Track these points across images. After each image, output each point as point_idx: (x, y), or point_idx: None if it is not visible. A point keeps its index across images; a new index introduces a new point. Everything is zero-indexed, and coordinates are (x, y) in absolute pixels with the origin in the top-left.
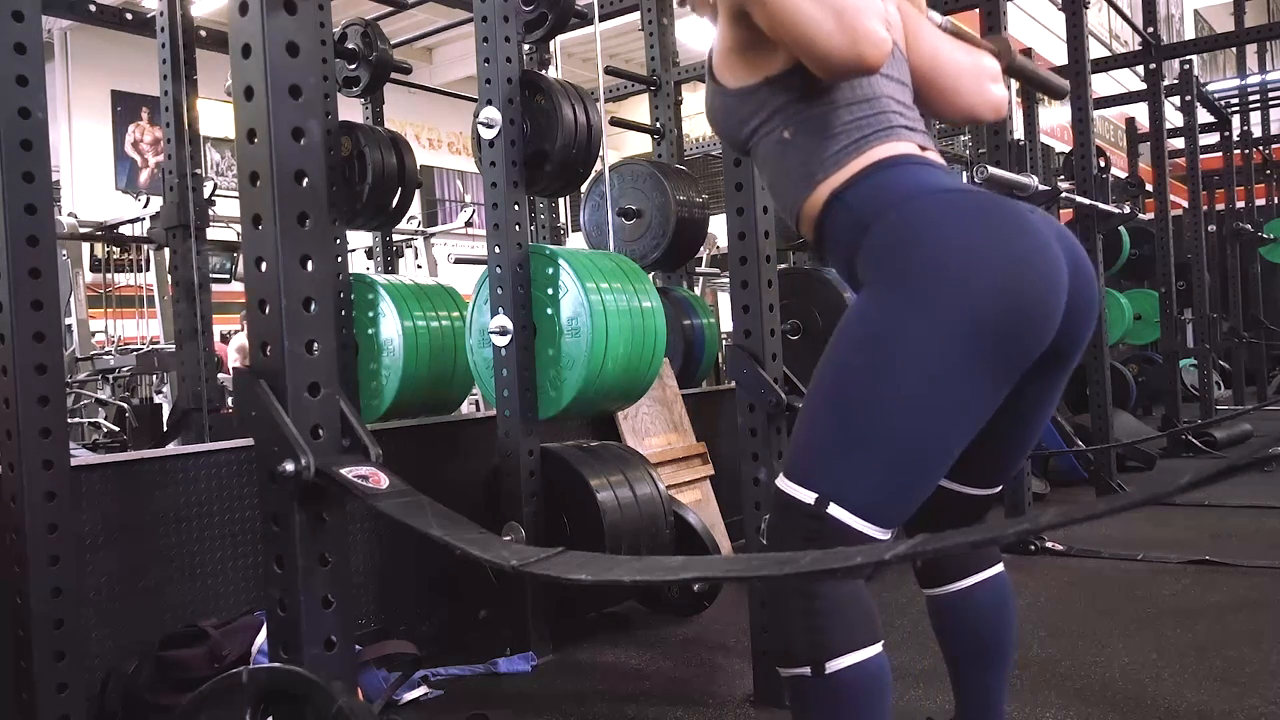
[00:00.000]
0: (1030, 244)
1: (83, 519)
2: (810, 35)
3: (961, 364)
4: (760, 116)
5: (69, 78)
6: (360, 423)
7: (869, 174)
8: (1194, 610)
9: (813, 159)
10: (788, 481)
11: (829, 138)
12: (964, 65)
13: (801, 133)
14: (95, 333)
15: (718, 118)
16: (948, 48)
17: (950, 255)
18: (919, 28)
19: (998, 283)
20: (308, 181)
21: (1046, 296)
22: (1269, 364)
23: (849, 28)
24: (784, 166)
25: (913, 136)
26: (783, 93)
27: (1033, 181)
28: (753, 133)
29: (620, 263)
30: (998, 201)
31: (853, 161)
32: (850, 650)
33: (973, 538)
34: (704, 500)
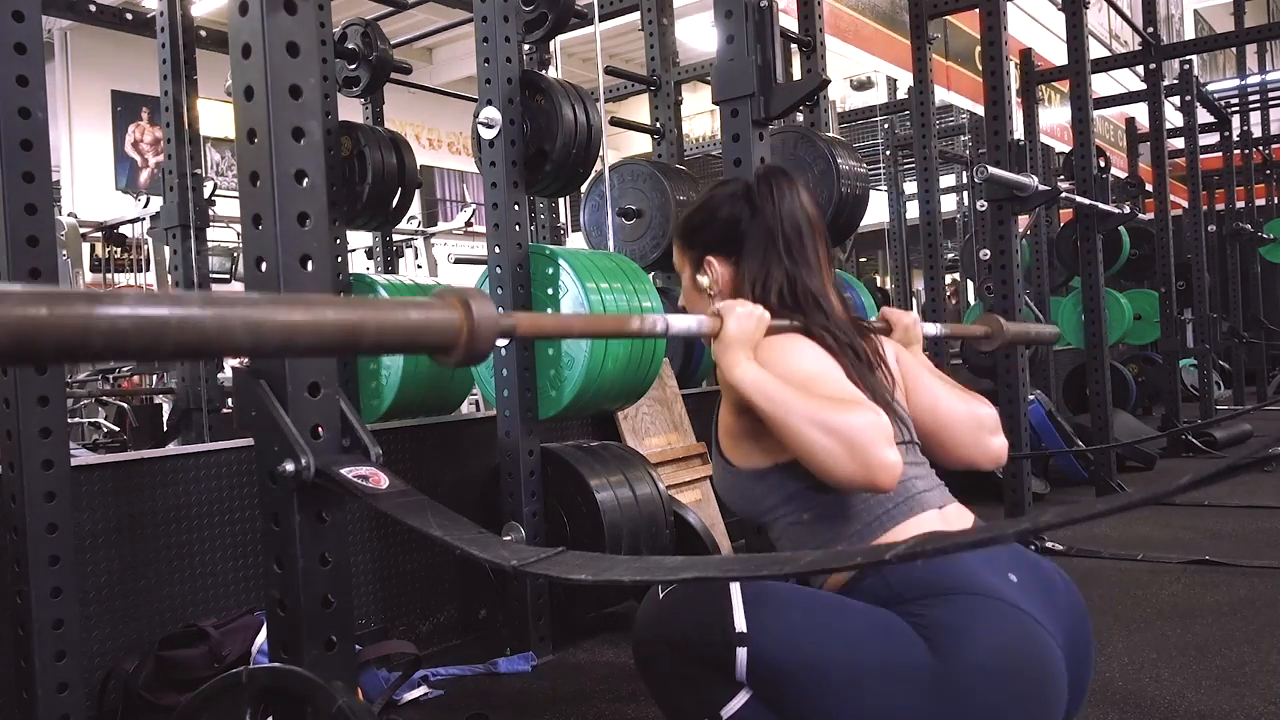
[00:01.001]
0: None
1: (83, 519)
2: (824, 465)
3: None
4: (773, 499)
5: (69, 78)
6: (360, 423)
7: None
8: (1194, 610)
9: (834, 541)
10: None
11: (850, 519)
12: (962, 418)
13: (821, 517)
14: None
15: (727, 493)
16: (945, 399)
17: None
18: (918, 380)
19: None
20: (308, 181)
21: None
22: (1269, 364)
23: (861, 458)
24: (807, 546)
25: (931, 499)
26: (795, 479)
27: (1033, 181)
28: (767, 511)
29: (620, 263)
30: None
31: (881, 538)
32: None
33: (973, 538)
34: (704, 500)
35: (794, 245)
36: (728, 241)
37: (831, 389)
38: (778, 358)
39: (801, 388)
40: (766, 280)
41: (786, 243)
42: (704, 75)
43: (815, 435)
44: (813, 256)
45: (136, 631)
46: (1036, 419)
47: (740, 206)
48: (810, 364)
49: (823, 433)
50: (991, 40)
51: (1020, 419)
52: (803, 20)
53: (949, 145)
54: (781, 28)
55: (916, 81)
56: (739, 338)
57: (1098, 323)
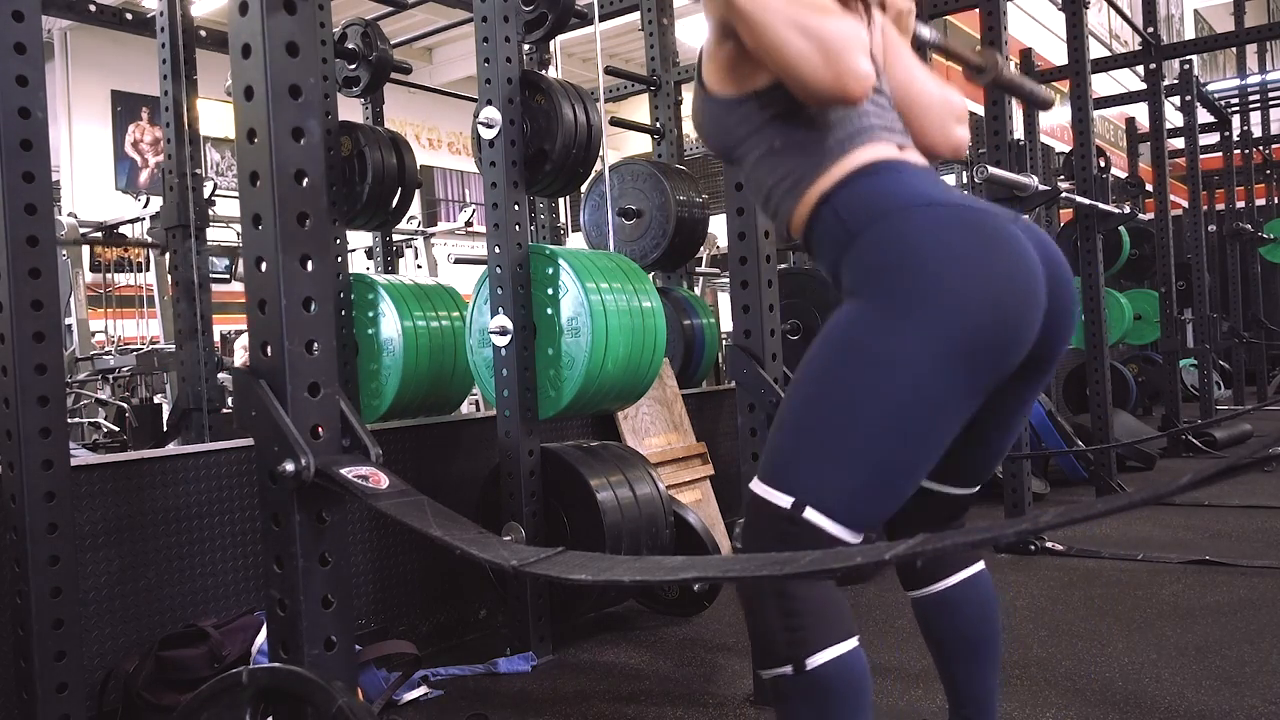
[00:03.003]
0: (1011, 260)
1: (83, 519)
2: (796, 67)
3: (941, 378)
4: (748, 127)
5: (69, 78)
6: (360, 423)
7: (853, 179)
8: (1194, 610)
9: (800, 167)
10: (763, 485)
11: (814, 145)
12: (933, 99)
13: (789, 144)
14: (95, 333)
15: (704, 124)
16: (920, 78)
17: (934, 275)
18: (897, 53)
19: (979, 301)
20: (308, 181)
21: (1026, 311)
22: (1269, 364)
23: (834, 63)
24: (774, 177)
25: (890, 137)
26: (771, 106)
27: (1033, 181)
28: (740, 141)
29: (620, 263)
30: (979, 215)
31: (837, 165)
32: (827, 645)
33: (973, 538)
34: (704, 500)
35: None
36: None
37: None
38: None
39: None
40: None
41: None
42: None
43: (792, 36)
44: None
45: (136, 631)
46: (1036, 419)
47: None
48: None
49: (799, 34)
50: (991, 40)
51: None
52: None
53: None
54: None
55: None
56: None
57: (1098, 323)
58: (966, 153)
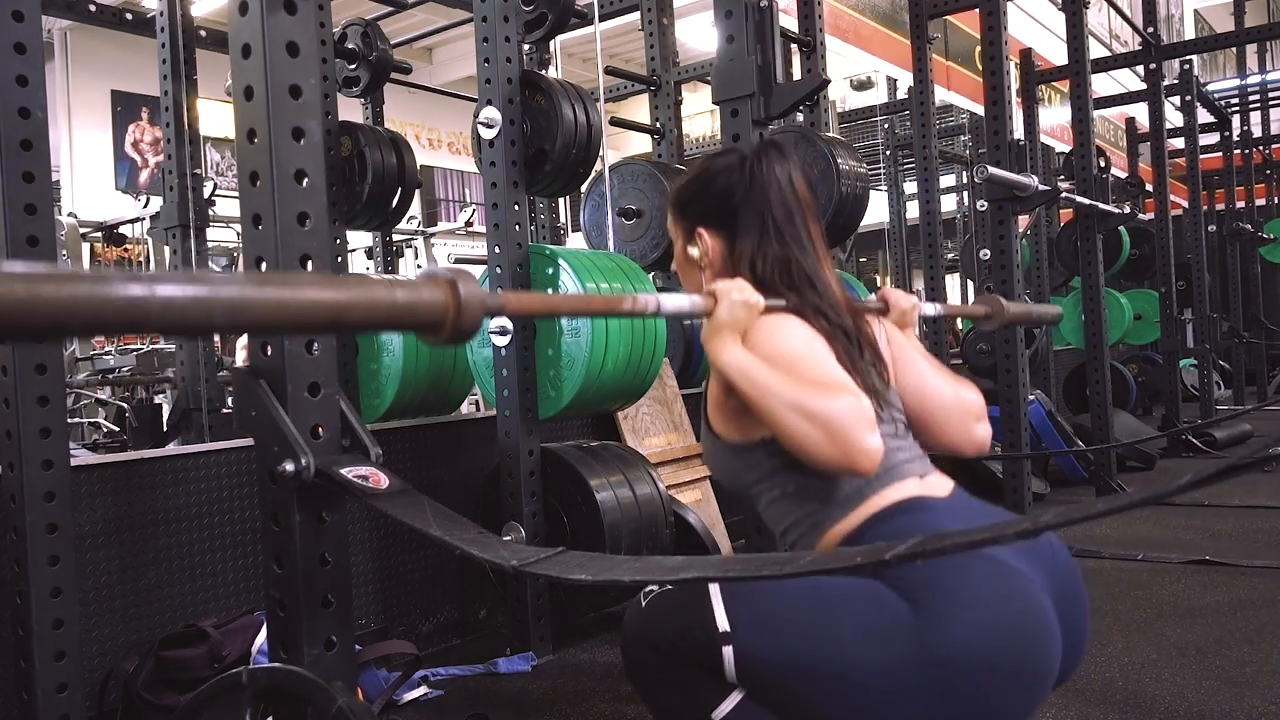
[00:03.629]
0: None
1: (83, 519)
2: (801, 447)
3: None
4: (758, 473)
5: (69, 78)
6: (360, 423)
7: (883, 519)
8: (1194, 610)
9: (818, 511)
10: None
11: (832, 490)
12: (949, 402)
13: (804, 489)
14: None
15: (715, 465)
16: (933, 382)
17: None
18: (906, 360)
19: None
20: (308, 181)
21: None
22: (1269, 364)
23: (840, 444)
24: (790, 519)
25: (911, 468)
26: (779, 454)
27: (1033, 181)
28: (753, 484)
29: (620, 263)
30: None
31: (858, 509)
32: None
33: (973, 538)
34: (704, 500)
35: (785, 224)
36: (720, 215)
37: (816, 372)
38: (765, 338)
39: (787, 369)
40: (759, 258)
41: (778, 222)
42: (704, 75)
43: (796, 420)
44: (804, 235)
45: (136, 631)
46: (1036, 419)
47: (735, 179)
48: (797, 345)
49: (803, 418)
50: (991, 40)
51: (1020, 419)
52: (803, 20)
53: (949, 145)
54: (781, 28)
55: (916, 81)
56: (730, 323)
57: (1098, 323)
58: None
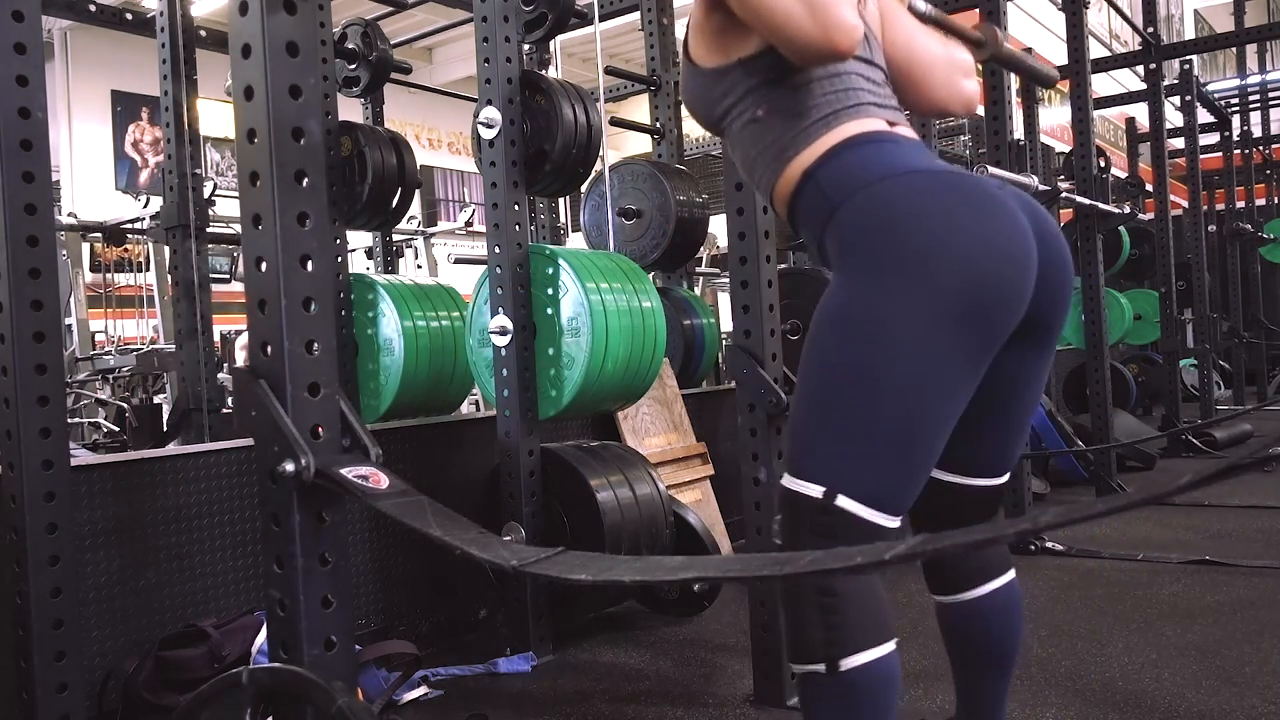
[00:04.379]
0: (996, 220)
1: (83, 519)
2: (782, 24)
3: (936, 339)
4: (733, 96)
5: (69, 78)
6: (360, 423)
7: (838, 152)
8: (1194, 610)
9: (784, 137)
10: (792, 478)
11: (800, 115)
12: (937, 57)
13: (774, 112)
14: (95, 333)
15: (692, 97)
16: (922, 38)
17: (917, 237)
18: (895, 16)
19: (965, 262)
20: (308, 181)
21: (1015, 271)
22: (1269, 364)
23: (821, 17)
24: (758, 146)
25: (881, 112)
26: (756, 73)
27: (1033, 181)
28: (726, 112)
29: (620, 263)
30: (963, 179)
31: (822, 138)
32: (864, 649)
33: (973, 537)
34: (704, 500)
35: None
36: None
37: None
38: None
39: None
40: None
41: None
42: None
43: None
44: None
45: (136, 631)
46: (1036, 419)
47: None
48: None
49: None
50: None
51: None
52: None
53: (949, 145)
54: None
55: None
56: None
57: (1098, 323)
58: (977, 105)
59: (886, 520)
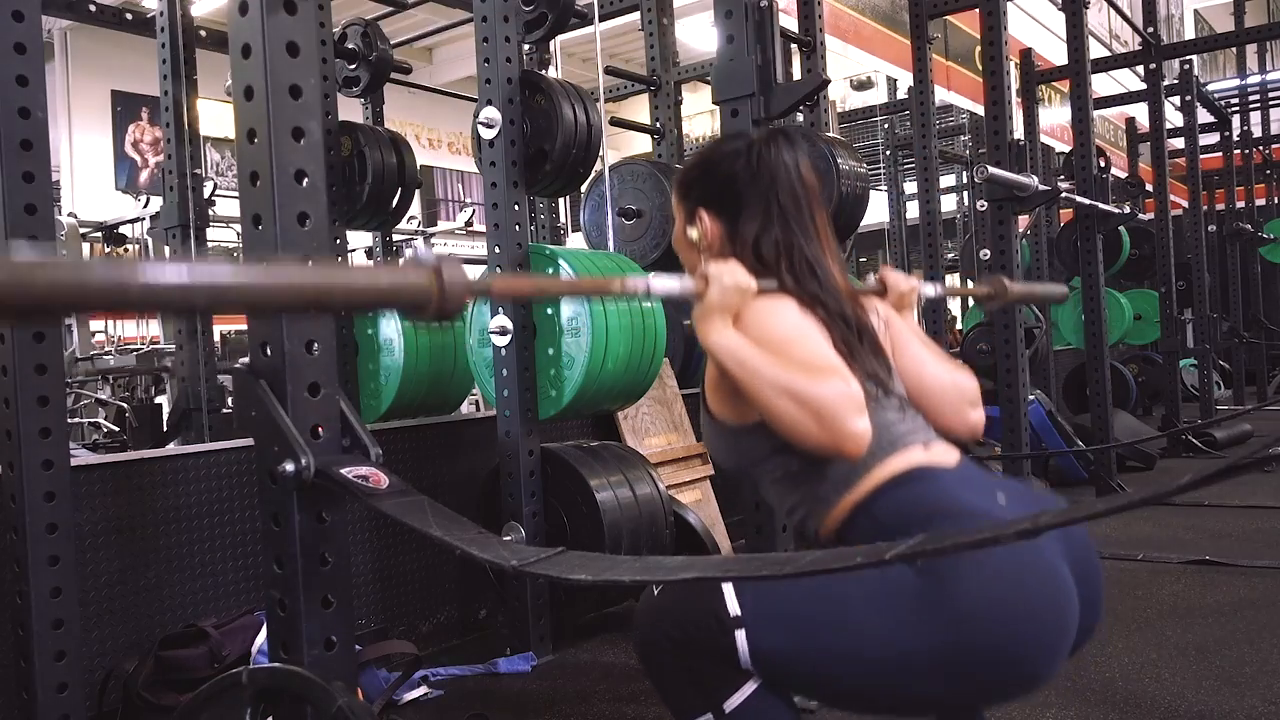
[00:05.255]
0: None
1: (83, 519)
2: (791, 432)
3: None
4: (757, 454)
5: (69, 78)
6: (360, 423)
7: (889, 489)
8: (1194, 610)
9: (825, 484)
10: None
11: (838, 463)
12: (945, 387)
13: (806, 468)
14: (95, 333)
15: (714, 448)
16: (931, 367)
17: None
18: (904, 344)
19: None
20: (308, 181)
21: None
22: (1269, 364)
23: (829, 428)
24: (796, 495)
25: (915, 438)
26: (778, 435)
27: (1033, 181)
28: (752, 465)
29: (620, 263)
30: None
31: (868, 476)
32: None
33: (973, 539)
34: (704, 500)
35: (790, 209)
36: (723, 198)
37: (806, 355)
38: (757, 320)
39: (777, 352)
40: (763, 241)
41: (783, 207)
42: (704, 75)
43: (784, 404)
44: (809, 221)
45: (136, 631)
46: (1036, 419)
47: (739, 165)
48: (789, 327)
49: (791, 401)
50: (991, 40)
51: (1020, 419)
52: (803, 20)
53: (949, 145)
54: (781, 28)
55: (916, 81)
56: (720, 306)
57: (1098, 323)
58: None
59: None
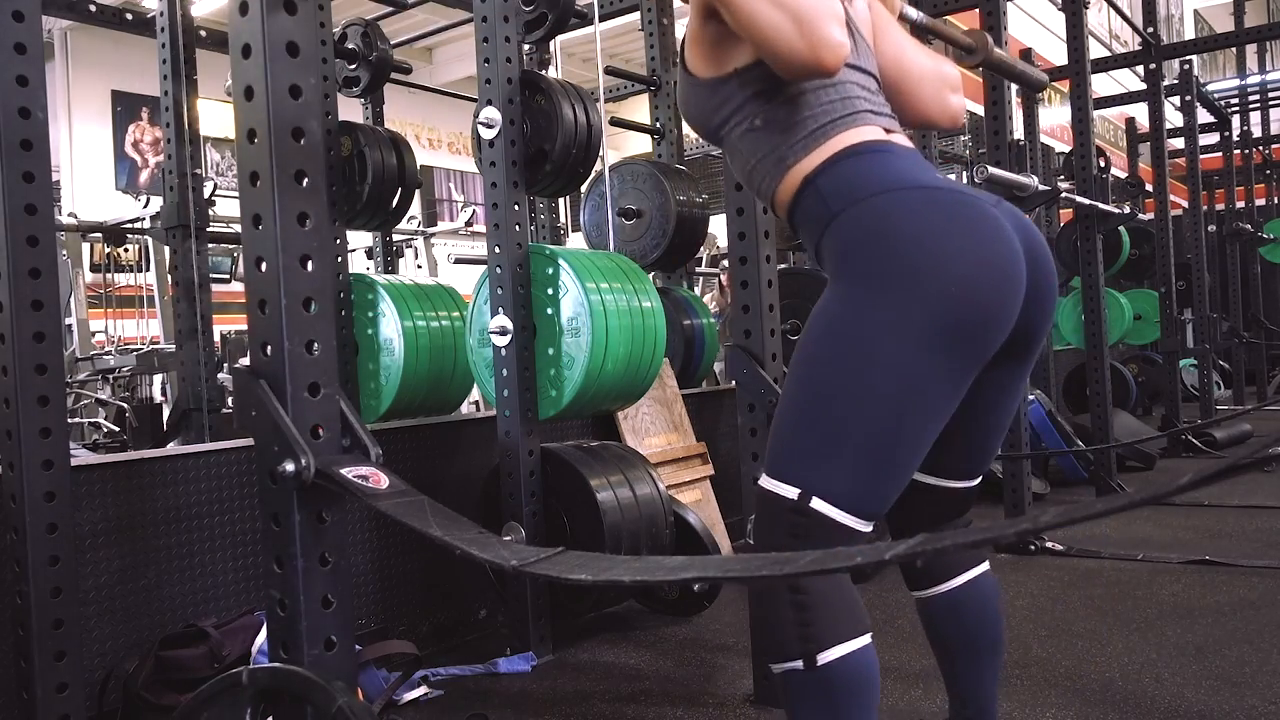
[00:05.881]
0: (989, 241)
1: (83, 519)
2: (770, 39)
3: (925, 358)
4: (730, 107)
5: (69, 78)
6: (360, 423)
7: (838, 160)
8: (1194, 610)
9: (782, 145)
10: (769, 479)
11: (798, 124)
12: (926, 71)
13: (771, 121)
14: (95, 333)
15: (689, 107)
16: (911, 51)
17: (912, 254)
18: (886, 28)
19: (958, 281)
20: (308, 181)
21: (1006, 293)
22: (1269, 364)
23: (808, 34)
24: (756, 154)
25: (878, 120)
26: (751, 84)
27: (1032, 181)
28: (723, 122)
29: (620, 263)
30: (958, 197)
31: (821, 146)
32: (840, 641)
33: (973, 538)
34: (704, 500)
35: None
36: None
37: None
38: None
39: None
40: None
41: None
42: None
43: (765, 8)
44: None
45: (136, 631)
46: (1036, 419)
47: None
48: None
49: (773, 6)
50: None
51: (1020, 419)
52: None
53: (949, 145)
54: None
55: None
56: None
57: (1098, 323)
58: (964, 120)
59: (860, 524)
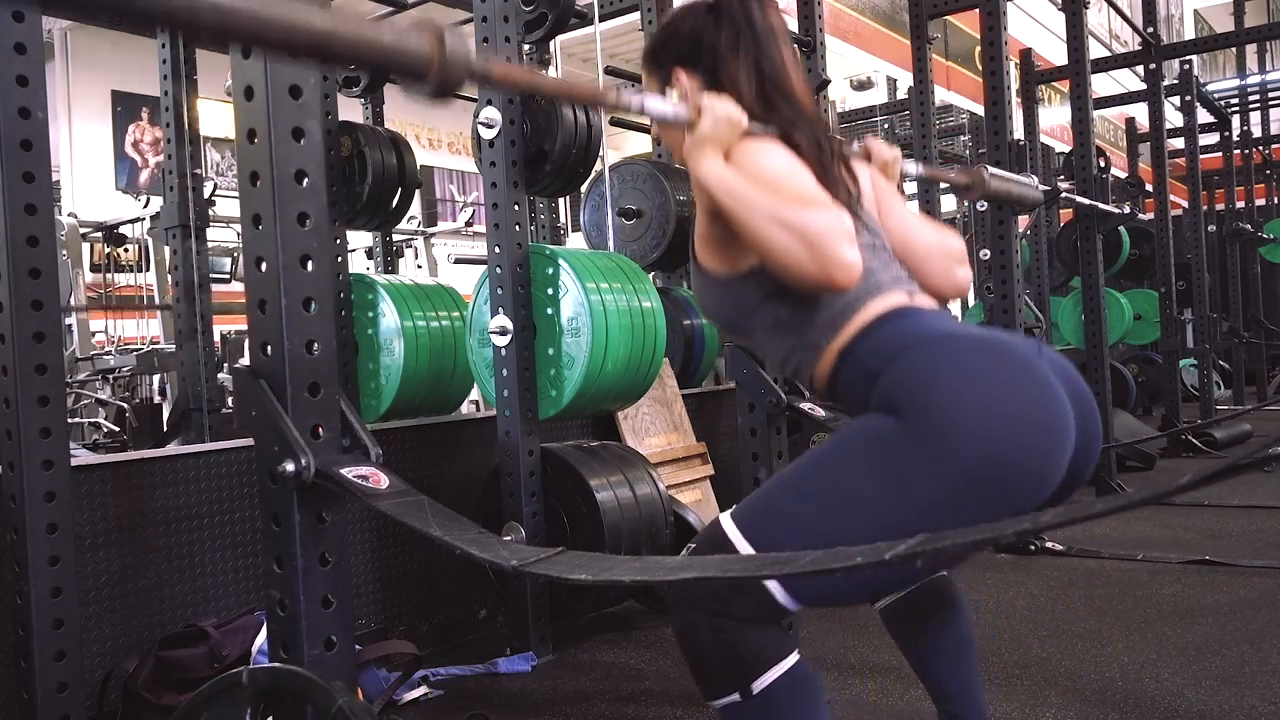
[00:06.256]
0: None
1: (83, 519)
2: (780, 261)
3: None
4: (749, 303)
5: (69, 78)
6: (360, 423)
7: (872, 329)
8: (1194, 610)
9: (812, 331)
10: (734, 526)
11: (823, 307)
12: (932, 247)
13: (797, 312)
14: (95, 333)
15: (707, 303)
16: (916, 228)
17: (962, 404)
18: (891, 204)
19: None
20: (308, 181)
21: (1050, 453)
22: (1269, 364)
23: (819, 256)
24: (788, 344)
25: (899, 286)
26: (767, 282)
27: (1033, 181)
28: (743, 317)
29: (620, 263)
30: (1002, 348)
31: (852, 320)
32: (770, 666)
33: (973, 538)
34: (704, 500)
35: (761, 49)
36: (694, 52)
37: (799, 189)
38: (748, 158)
39: (767, 187)
40: (740, 80)
41: (754, 47)
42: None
43: (775, 232)
44: (778, 57)
45: (136, 631)
46: None
47: (703, 20)
48: (779, 165)
49: (782, 230)
50: (991, 40)
51: None
52: (803, 20)
53: (949, 145)
54: None
55: (916, 81)
56: (712, 136)
57: (1098, 323)
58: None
59: (791, 605)
